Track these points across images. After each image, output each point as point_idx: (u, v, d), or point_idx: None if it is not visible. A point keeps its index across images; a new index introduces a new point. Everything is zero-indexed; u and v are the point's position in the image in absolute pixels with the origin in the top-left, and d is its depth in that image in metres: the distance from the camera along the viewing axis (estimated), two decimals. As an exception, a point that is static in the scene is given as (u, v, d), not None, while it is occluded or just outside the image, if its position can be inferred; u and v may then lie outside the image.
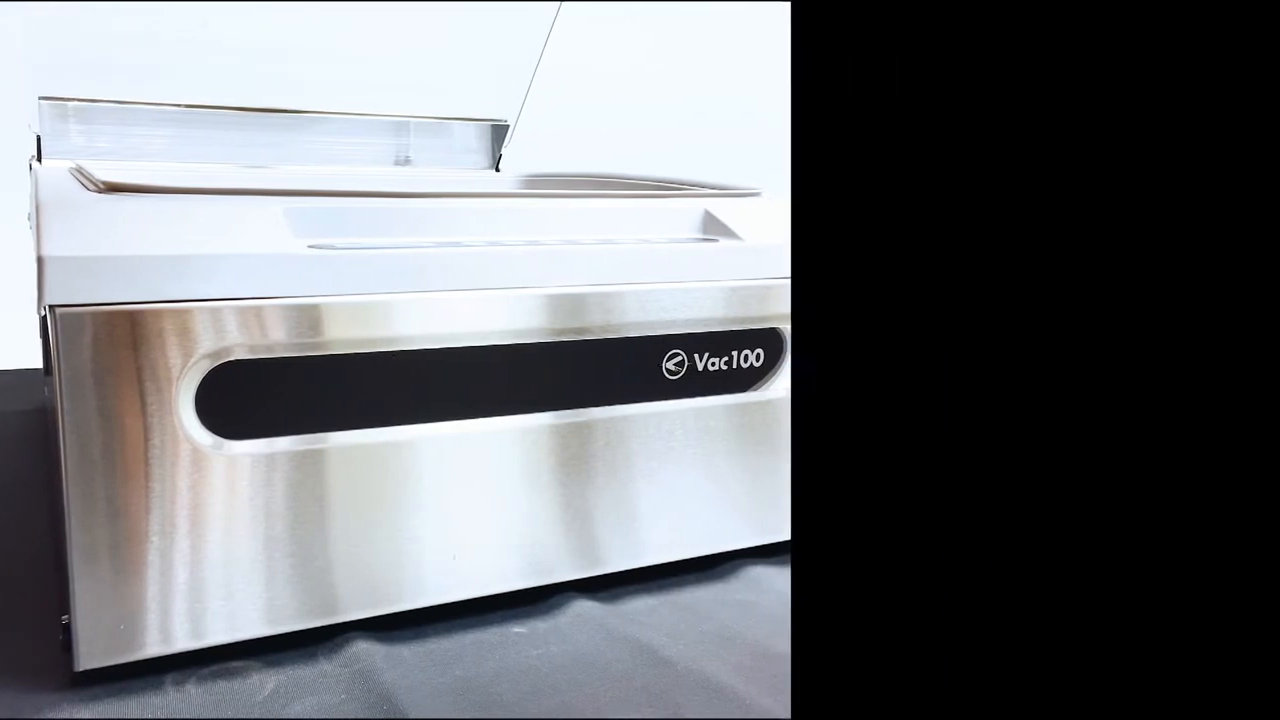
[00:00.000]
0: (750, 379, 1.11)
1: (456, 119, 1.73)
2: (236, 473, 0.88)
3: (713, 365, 1.08)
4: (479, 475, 0.99)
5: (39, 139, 1.45)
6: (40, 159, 1.44)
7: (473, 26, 1.61)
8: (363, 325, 0.91)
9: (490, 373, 0.97)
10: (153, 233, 0.88)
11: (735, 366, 1.10)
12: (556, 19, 1.60)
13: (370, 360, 0.92)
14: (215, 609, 0.89)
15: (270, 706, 0.85)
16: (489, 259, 0.96)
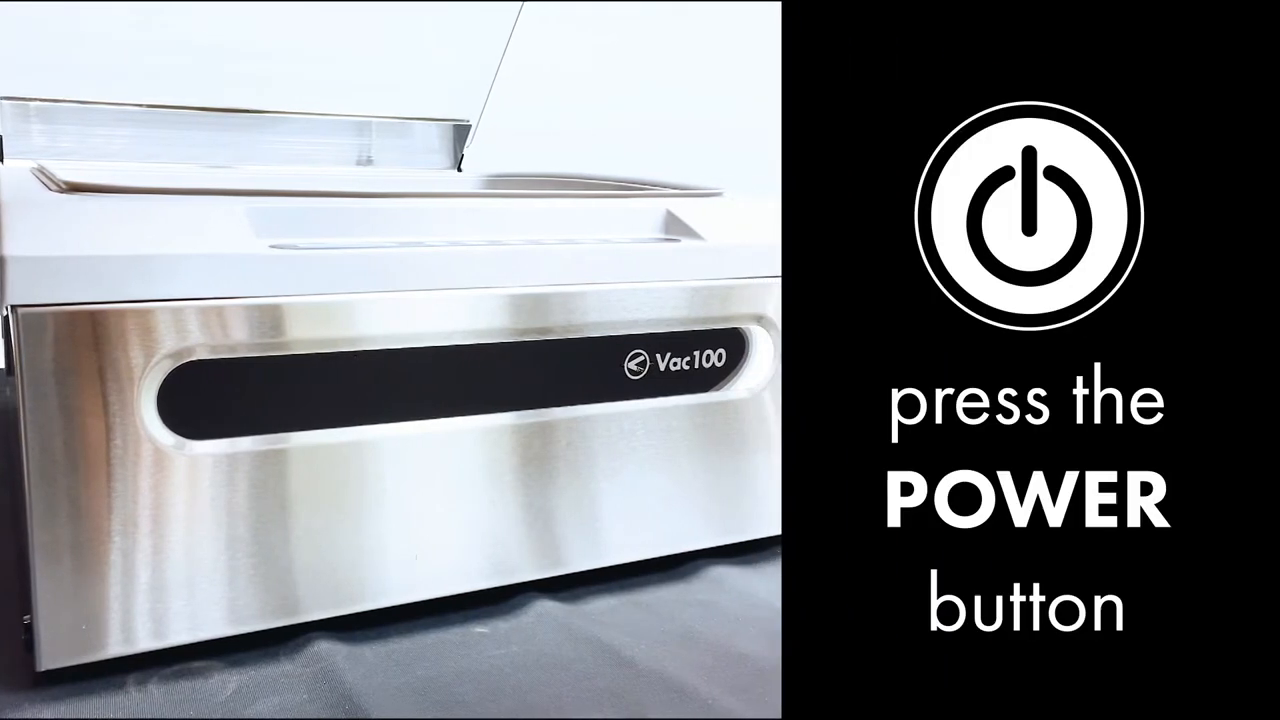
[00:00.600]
0: (712, 379, 1.12)
1: (418, 119, 1.72)
2: (198, 473, 0.88)
3: (675, 365, 1.09)
4: (441, 475, 0.99)
5: (0, 139, 1.44)
6: (2, 159, 1.43)
7: (435, 26, 1.61)
8: (325, 325, 0.91)
9: (452, 373, 0.97)
10: (115, 233, 0.87)
11: (697, 366, 1.10)
12: (519, 19, 1.60)
13: (332, 360, 0.92)
14: (177, 609, 0.89)
15: (232, 706, 0.85)
16: (451, 259, 0.97)
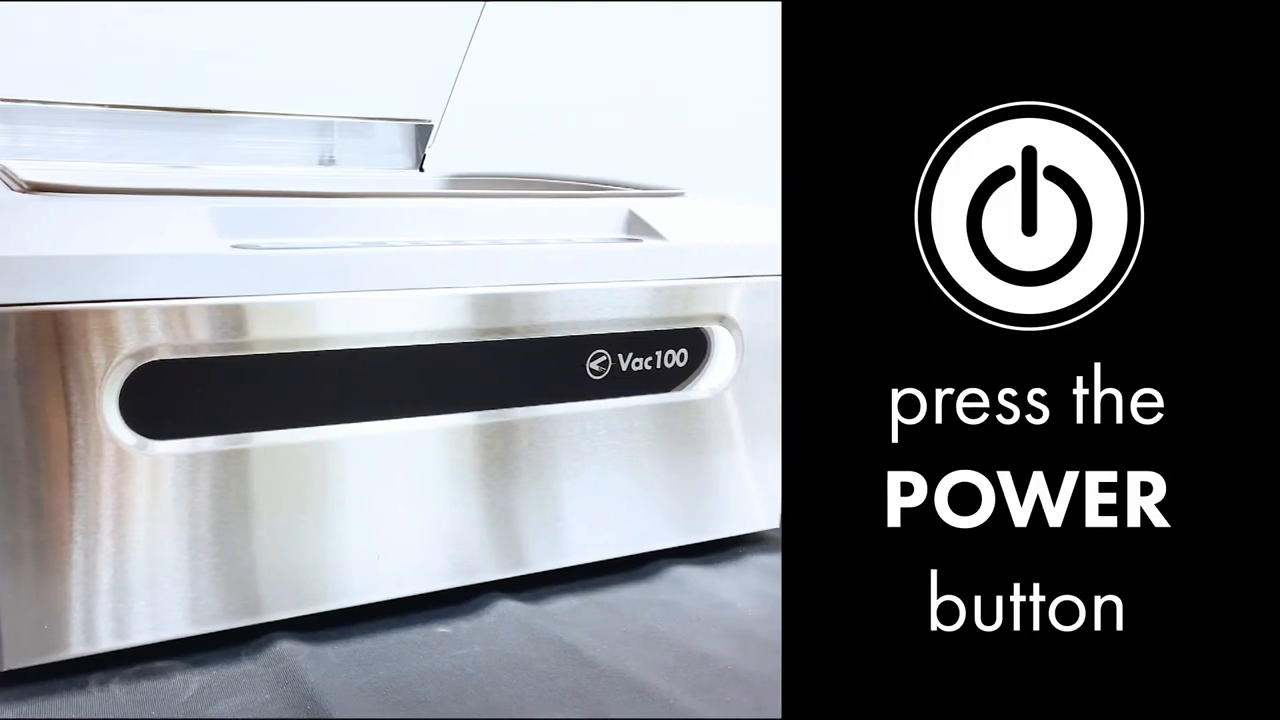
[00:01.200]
0: (674, 379, 1.12)
1: (380, 119, 1.72)
2: (160, 473, 0.88)
3: (637, 365, 1.09)
4: (403, 475, 0.99)
5: (-39, 140, 1.43)
6: (-37, 159, 1.43)
7: (396, 26, 1.61)
8: (287, 325, 0.91)
9: (414, 373, 0.98)
10: (77, 232, 0.87)
11: (659, 367, 1.11)
12: (481, 19, 1.60)
13: (294, 360, 0.92)
14: (139, 609, 0.89)
15: (194, 706, 0.85)
16: (413, 259, 0.97)
